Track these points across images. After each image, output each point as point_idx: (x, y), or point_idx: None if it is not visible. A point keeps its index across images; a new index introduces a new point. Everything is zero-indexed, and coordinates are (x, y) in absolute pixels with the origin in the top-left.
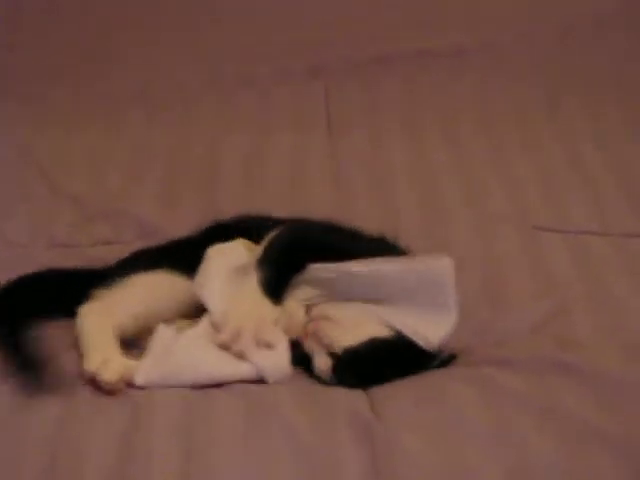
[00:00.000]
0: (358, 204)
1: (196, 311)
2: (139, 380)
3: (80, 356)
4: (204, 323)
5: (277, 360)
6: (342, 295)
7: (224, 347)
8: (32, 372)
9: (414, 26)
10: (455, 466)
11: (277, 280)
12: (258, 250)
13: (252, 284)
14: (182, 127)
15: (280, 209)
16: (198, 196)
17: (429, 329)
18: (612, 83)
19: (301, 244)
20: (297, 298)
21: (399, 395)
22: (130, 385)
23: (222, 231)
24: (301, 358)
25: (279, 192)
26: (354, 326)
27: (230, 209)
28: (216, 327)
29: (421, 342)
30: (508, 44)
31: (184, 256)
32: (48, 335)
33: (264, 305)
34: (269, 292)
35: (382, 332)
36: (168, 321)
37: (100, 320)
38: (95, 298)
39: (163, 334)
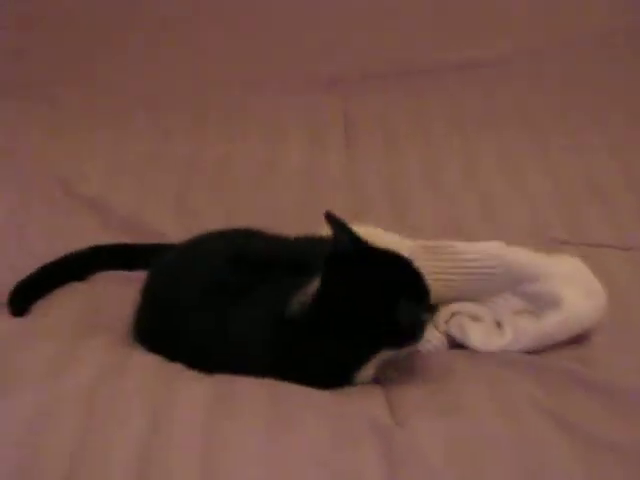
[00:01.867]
0: (374, 213)
1: None
2: None
3: None
4: None
5: None
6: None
7: None
8: None
9: (430, 38)
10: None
11: None
12: None
13: None
14: (197, 135)
15: (295, 218)
16: (212, 204)
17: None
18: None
19: None
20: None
21: (419, 402)
22: None
23: None
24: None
25: (294, 200)
26: None
27: (245, 217)
28: None
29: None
30: (525, 55)
31: None
32: None
33: None
34: None
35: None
36: None
37: None
38: None
39: None
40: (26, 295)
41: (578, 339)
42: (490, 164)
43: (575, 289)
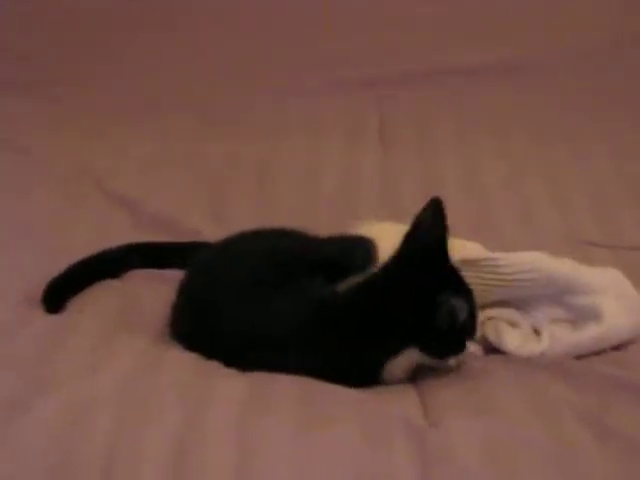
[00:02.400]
0: (409, 214)
1: None
2: None
3: None
4: None
5: None
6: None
7: None
8: None
9: (465, 39)
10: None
11: None
12: None
13: None
14: (234, 136)
15: (331, 219)
16: (247, 203)
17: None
18: None
19: None
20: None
21: (453, 403)
22: None
23: None
24: None
25: (330, 201)
26: None
27: (280, 217)
28: None
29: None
30: (560, 58)
31: None
32: None
33: None
34: None
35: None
36: None
37: None
38: None
39: None
40: (60, 292)
41: None
42: (527, 166)
43: (616, 303)
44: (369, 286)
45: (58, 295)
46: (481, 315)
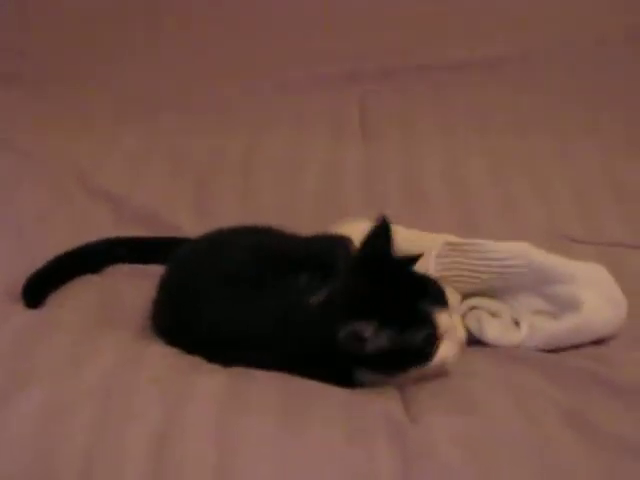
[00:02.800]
0: (391, 208)
1: None
2: None
3: None
4: None
5: None
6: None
7: None
8: None
9: (448, 35)
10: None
11: None
12: None
13: None
14: (217, 133)
15: (314, 213)
16: (229, 199)
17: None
18: None
19: None
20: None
21: (434, 399)
22: None
23: None
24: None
25: (312, 196)
26: None
27: (265, 213)
28: None
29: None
30: (544, 54)
31: None
32: None
33: None
34: None
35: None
36: None
37: None
38: None
39: None
40: (40, 287)
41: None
42: (510, 161)
43: (597, 295)
44: (322, 303)
45: (38, 289)
46: (464, 305)
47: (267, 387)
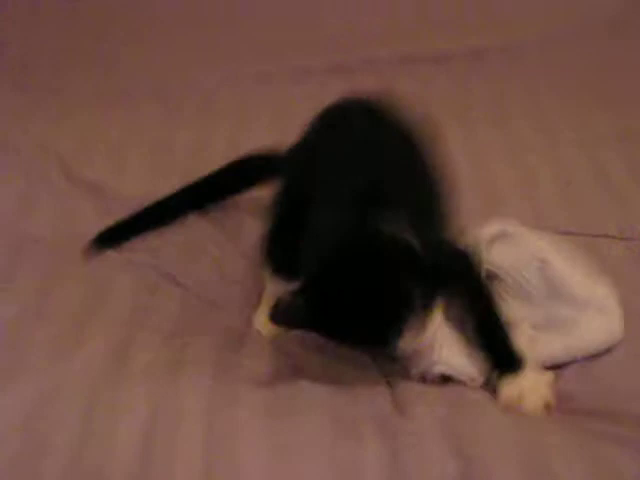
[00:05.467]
0: None
1: None
2: None
3: None
4: None
5: None
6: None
7: None
8: None
9: (433, 27)
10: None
11: None
12: None
13: None
14: (201, 125)
15: None
16: None
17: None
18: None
19: None
20: None
21: (422, 392)
22: None
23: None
24: None
25: None
26: None
27: (250, 204)
28: None
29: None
30: (527, 46)
31: None
32: None
33: None
34: None
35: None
36: None
37: None
38: None
39: None
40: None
41: None
42: (494, 152)
43: (596, 319)
44: None
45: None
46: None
47: (254, 381)
